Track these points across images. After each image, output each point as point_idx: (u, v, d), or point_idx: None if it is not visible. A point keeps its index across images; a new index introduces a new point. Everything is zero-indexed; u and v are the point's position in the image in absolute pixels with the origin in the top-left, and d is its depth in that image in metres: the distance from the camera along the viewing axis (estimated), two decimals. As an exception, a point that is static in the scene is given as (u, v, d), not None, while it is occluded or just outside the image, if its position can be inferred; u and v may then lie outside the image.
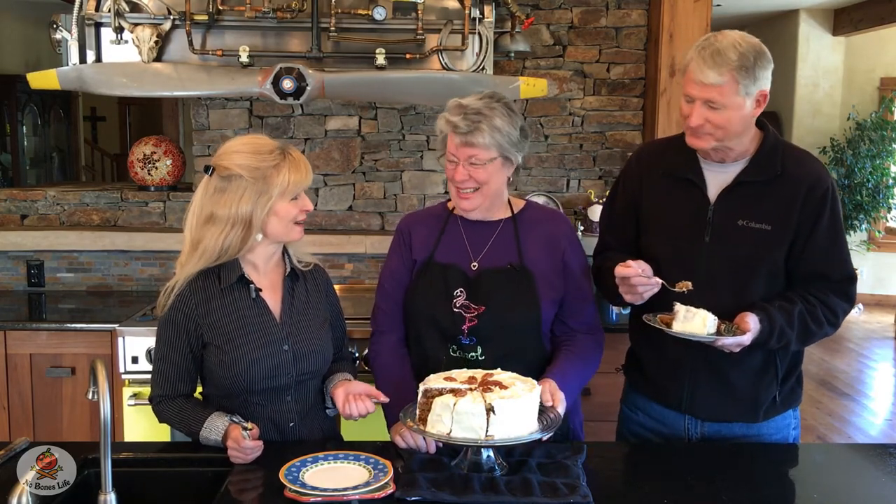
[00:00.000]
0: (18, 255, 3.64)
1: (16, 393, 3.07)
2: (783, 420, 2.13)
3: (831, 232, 2.02)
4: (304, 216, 1.98)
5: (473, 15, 3.05)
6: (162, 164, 3.72)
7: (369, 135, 3.72)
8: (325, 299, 2.12)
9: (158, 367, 2.00)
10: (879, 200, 7.60)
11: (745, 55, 1.90)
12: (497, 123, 1.96)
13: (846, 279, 2.04)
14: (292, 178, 1.91)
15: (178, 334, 1.96)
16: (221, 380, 1.97)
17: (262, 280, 2.02)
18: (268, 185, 1.89)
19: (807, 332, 1.99)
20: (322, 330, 2.07)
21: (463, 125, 1.96)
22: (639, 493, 1.77)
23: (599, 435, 2.30)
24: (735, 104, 1.92)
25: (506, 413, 1.69)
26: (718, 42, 1.91)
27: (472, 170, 1.99)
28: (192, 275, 1.96)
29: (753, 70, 1.90)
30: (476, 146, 1.96)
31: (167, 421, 2.01)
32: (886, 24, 7.26)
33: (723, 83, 1.90)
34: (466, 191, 2.03)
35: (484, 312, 2.01)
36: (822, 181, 2.01)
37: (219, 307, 1.96)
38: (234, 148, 1.93)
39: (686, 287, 1.94)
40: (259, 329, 1.97)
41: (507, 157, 2.01)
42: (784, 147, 2.07)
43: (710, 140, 1.98)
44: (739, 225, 2.02)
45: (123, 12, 2.98)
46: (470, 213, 2.08)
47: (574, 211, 3.78)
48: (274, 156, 1.91)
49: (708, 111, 1.94)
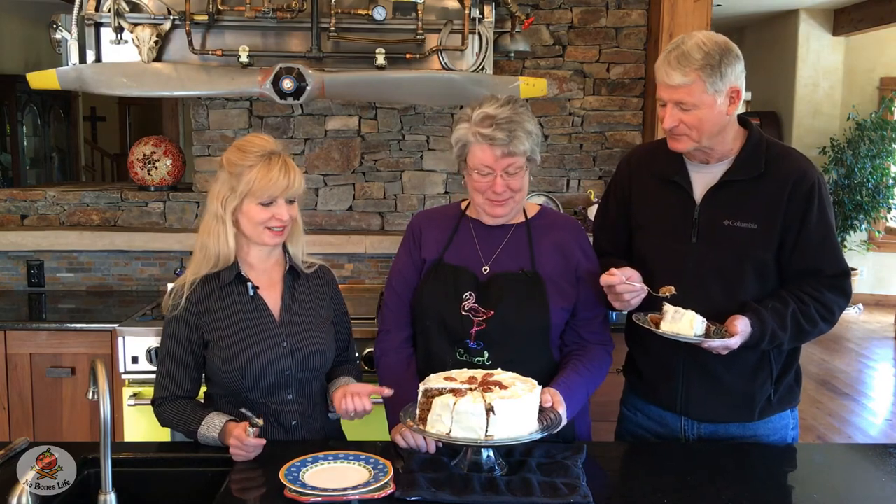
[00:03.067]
0: (18, 255, 3.64)
1: (16, 393, 3.07)
2: (781, 420, 2.13)
3: (821, 226, 2.01)
4: (276, 223, 1.95)
5: (473, 15, 3.05)
6: (162, 164, 3.72)
7: (369, 135, 3.72)
8: (330, 298, 2.12)
9: (161, 368, 2.02)
10: (879, 200, 7.60)
11: (710, 54, 1.91)
12: (529, 128, 1.96)
13: (840, 273, 2.04)
14: (259, 183, 1.91)
15: (179, 334, 1.99)
16: (222, 377, 1.99)
17: (261, 278, 2.03)
18: (238, 183, 1.93)
19: (800, 332, 1.99)
20: (323, 328, 2.07)
21: (501, 136, 1.92)
22: (639, 493, 1.77)
23: (599, 435, 2.29)
24: (705, 103, 1.93)
25: (505, 413, 1.69)
26: (684, 44, 1.94)
27: (510, 180, 1.97)
28: (195, 278, 1.99)
29: (719, 67, 1.92)
30: (516, 154, 1.94)
31: (167, 423, 2.01)
32: (886, 24, 7.26)
33: (689, 83, 1.92)
34: (503, 198, 2.00)
35: (493, 317, 2.00)
36: (807, 176, 2.01)
37: (218, 306, 1.98)
38: (235, 143, 2.00)
39: (669, 292, 1.95)
40: (257, 326, 1.99)
41: (533, 159, 2.01)
42: (768, 144, 2.06)
43: (687, 141, 2.00)
44: (726, 225, 2.02)
45: (123, 12, 2.98)
46: (499, 220, 2.06)
47: (574, 211, 3.78)
48: (255, 157, 1.93)
49: (680, 112, 1.96)
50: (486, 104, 1.97)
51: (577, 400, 1.95)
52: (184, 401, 1.99)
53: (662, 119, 1.99)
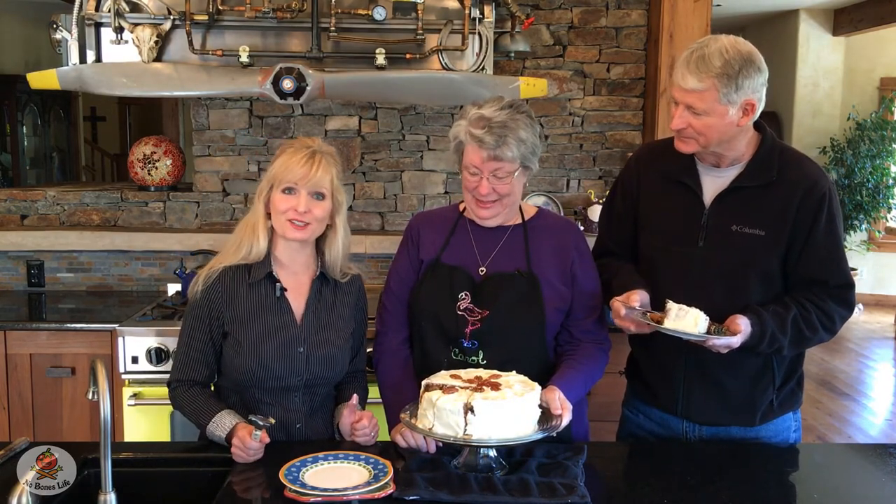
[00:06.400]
0: (18, 255, 3.64)
1: (16, 393, 3.07)
2: (783, 423, 2.12)
3: (828, 237, 1.99)
4: (294, 215, 1.94)
5: (473, 15, 3.05)
6: (162, 164, 3.72)
7: (369, 135, 3.72)
8: (354, 308, 2.12)
9: (179, 351, 2.03)
10: (879, 200, 7.60)
11: (730, 63, 1.86)
12: (522, 135, 1.94)
13: (844, 285, 2.02)
14: (281, 167, 1.96)
15: (201, 320, 2.00)
16: (234, 372, 2.00)
17: (289, 279, 2.04)
18: (270, 171, 1.99)
19: (800, 338, 1.98)
20: (342, 337, 2.06)
21: (489, 140, 1.91)
22: (639, 493, 1.77)
23: (601, 435, 2.29)
24: (717, 111, 1.90)
25: (485, 413, 1.70)
26: (707, 48, 1.89)
27: (497, 183, 1.97)
28: (226, 266, 2.00)
29: (736, 79, 1.87)
30: (503, 160, 1.93)
31: (179, 408, 2.01)
32: (886, 24, 7.26)
33: (702, 89, 1.88)
34: (488, 200, 2.01)
35: (487, 317, 2.00)
36: (818, 185, 1.99)
37: (243, 300, 1.99)
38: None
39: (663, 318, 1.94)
40: (277, 327, 1.99)
41: (528, 166, 2.00)
42: (781, 150, 2.05)
43: (693, 144, 1.98)
44: (733, 230, 2.00)
45: (123, 12, 2.98)
46: (487, 222, 2.07)
47: (574, 211, 3.78)
48: (291, 148, 1.99)
49: (690, 116, 1.93)
50: (486, 105, 1.97)
51: (573, 395, 1.96)
52: (198, 389, 2.00)
53: (673, 118, 1.97)
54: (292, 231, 1.96)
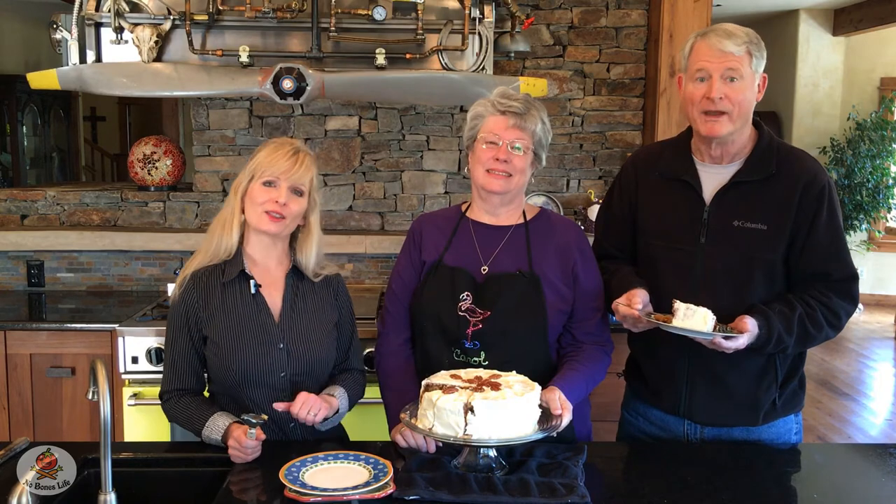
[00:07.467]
0: (18, 255, 3.64)
1: (16, 393, 3.07)
2: (784, 425, 2.12)
3: (830, 230, 2.00)
4: (273, 206, 1.95)
5: (473, 15, 3.05)
6: (162, 164, 3.72)
7: (369, 135, 3.72)
8: (335, 300, 2.12)
9: (166, 362, 2.04)
10: (879, 200, 7.59)
11: (750, 34, 1.98)
12: (542, 117, 2.06)
13: (848, 277, 2.03)
14: (264, 160, 1.98)
15: (180, 327, 2.00)
16: (219, 375, 1.99)
17: (263, 275, 2.03)
18: (250, 165, 2.01)
19: (806, 337, 1.98)
20: (324, 332, 2.06)
21: (518, 106, 2.01)
22: (639, 493, 1.77)
23: (600, 435, 2.29)
24: (749, 77, 1.97)
25: (485, 414, 1.70)
26: (723, 25, 1.99)
27: (513, 154, 2.00)
28: (196, 269, 2.00)
29: (759, 49, 1.98)
30: (525, 130, 2.01)
31: (174, 419, 2.01)
32: (886, 24, 7.25)
33: (741, 53, 1.95)
34: (501, 172, 2.02)
35: (489, 317, 2.00)
36: (818, 179, 2.00)
37: (218, 301, 1.99)
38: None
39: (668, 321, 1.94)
40: (255, 326, 1.98)
41: (538, 156, 2.06)
42: (779, 146, 2.06)
43: (726, 122, 1.97)
44: (735, 226, 2.01)
45: (123, 12, 2.98)
46: (495, 197, 2.06)
47: (574, 211, 3.78)
48: (273, 143, 2.01)
49: (725, 85, 1.95)
50: (506, 91, 2.08)
51: (575, 396, 1.95)
52: (190, 397, 1.99)
53: (700, 96, 1.96)
54: (267, 223, 1.97)
